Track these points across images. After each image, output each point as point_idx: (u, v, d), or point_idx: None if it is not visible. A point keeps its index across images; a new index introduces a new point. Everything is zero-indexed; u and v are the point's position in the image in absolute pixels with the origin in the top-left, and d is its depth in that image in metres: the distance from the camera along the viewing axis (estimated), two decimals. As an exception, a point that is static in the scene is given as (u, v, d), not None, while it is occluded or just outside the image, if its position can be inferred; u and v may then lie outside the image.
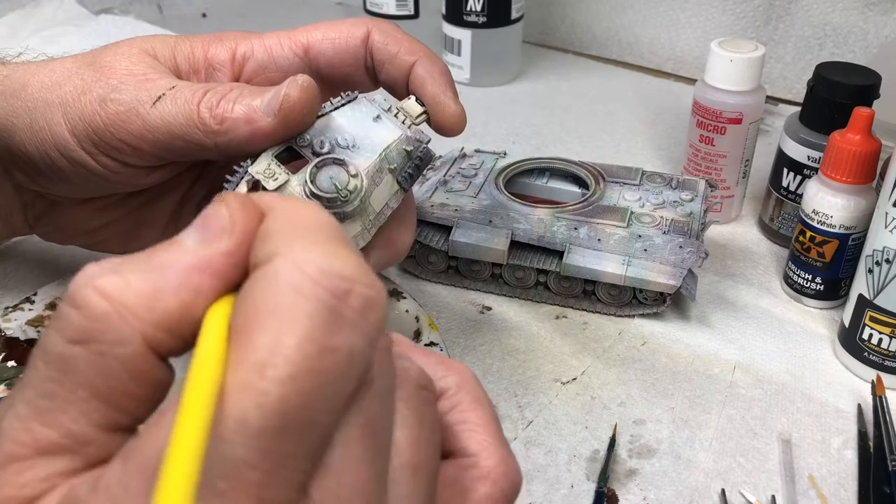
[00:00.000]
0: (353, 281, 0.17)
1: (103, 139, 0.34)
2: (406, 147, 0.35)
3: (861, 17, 0.70)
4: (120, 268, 0.18)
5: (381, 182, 0.34)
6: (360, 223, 0.33)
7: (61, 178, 0.37)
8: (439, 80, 0.37)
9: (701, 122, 0.55)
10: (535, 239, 0.48)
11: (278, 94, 0.32)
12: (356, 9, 0.86)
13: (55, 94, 0.35)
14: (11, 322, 0.43)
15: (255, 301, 0.17)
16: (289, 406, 0.16)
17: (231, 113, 0.33)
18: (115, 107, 0.34)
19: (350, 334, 0.17)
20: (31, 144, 0.36)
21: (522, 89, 0.81)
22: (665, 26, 0.82)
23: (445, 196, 0.52)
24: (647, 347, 0.47)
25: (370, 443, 0.18)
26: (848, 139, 0.45)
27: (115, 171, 0.35)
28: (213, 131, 0.33)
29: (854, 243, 0.47)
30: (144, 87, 0.34)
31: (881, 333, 0.42)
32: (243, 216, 0.19)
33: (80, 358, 0.17)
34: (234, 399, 0.16)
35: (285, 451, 0.16)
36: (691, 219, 0.50)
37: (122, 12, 0.93)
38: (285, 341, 0.16)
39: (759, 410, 0.43)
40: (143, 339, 0.17)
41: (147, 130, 0.33)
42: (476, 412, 0.23)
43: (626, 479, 0.39)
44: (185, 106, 0.33)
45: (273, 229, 0.18)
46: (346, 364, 0.17)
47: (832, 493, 0.38)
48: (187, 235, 0.19)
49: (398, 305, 0.47)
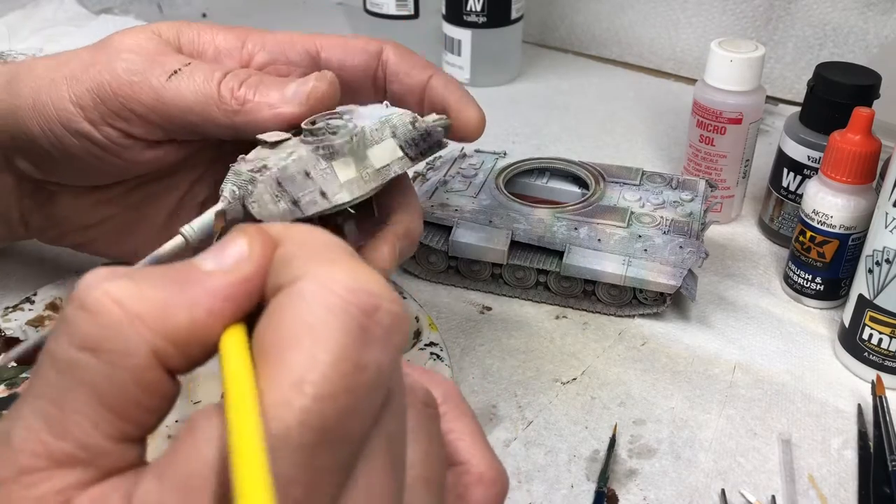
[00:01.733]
0: (381, 297, 0.18)
1: (111, 108, 0.35)
2: (412, 120, 0.35)
3: (861, 17, 0.70)
4: (133, 275, 0.18)
5: (383, 141, 0.34)
6: (354, 169, 0.33)
7: (64, 156, 0.37)
8: (459, 89, 0.39)
9: (701, 122, 0.55)
10: (535, 239, 0.48)
11: (306, 84, 0.34)
12: (356, 9, 0.86)
13: (61, 72, 0.36)
14: (11, 322, 0.44)
15: (284, 321, 0.17)
16: (327, 421, 0.16)
17: (254, 97, 0.34)
18: (129, 77, 0.35)
19: (379, 350, 0.17)
20: (34, 123, 0.36)
21: (522, 89, 0.81)
22: (665, 26, 0.82)
23: (445, 196, 0.52)
24: (647, 347, 0.47)
25: (391, 457, 0.19)
26: (848, 139, 0.45)
27: (118, 143, 0.36)
28: (234, 110, 0.34)
29: (854, 243, 0.47)
30: (157, 60, 0.35)
31: (881, 333, 0.42)
32: (261, 245, 0.19)
33: (90, 366, 0.17)
34: (274, 416, 0.16)
35: (323, 465, 0.16)
36: (691, 219, 0.50)
37: (122, 12, 0.93)
38: (322, 358, 0.16)
39: (759, 410, 0.43)
40: (153, 351, 0.17)
41: (160, 102, 0.34)
42: (462, 422, 0.24)
43: (626, 479, 0.39)
44: (203, 84, 0.34)
45: (291, 254, 0.18)
46: (376, 380, 0.17)
47: (832, 493, 0.38)
48: (204, 259, 0.19)
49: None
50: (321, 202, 0.33)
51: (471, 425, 0.24)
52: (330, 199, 0.33)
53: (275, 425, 0.16)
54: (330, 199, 0.33)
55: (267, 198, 0.32)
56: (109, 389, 0.17)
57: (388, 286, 0.18)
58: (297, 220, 0.33)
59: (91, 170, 0.38)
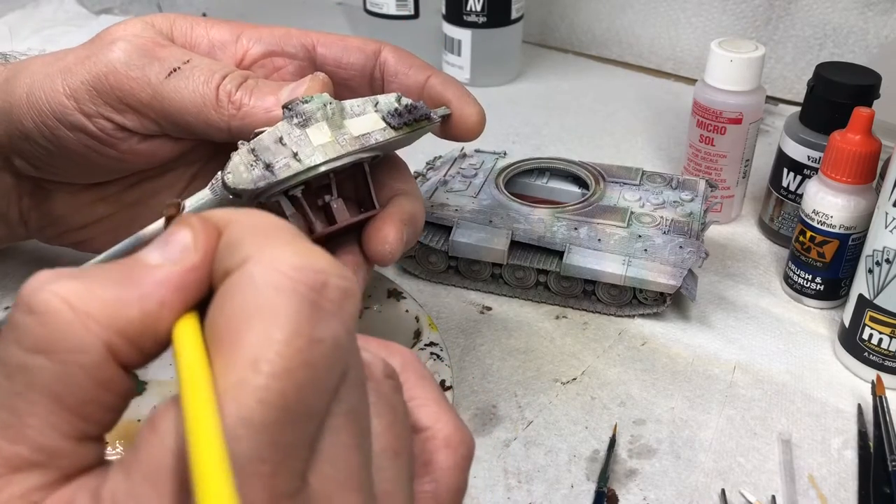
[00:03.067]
0: (328, 273, 0.18)
1: (107, 100, 0.35)
2: (396, 98, 0.35)
3: (861, 17, 0.70)
4: (80, 275, 0.18)
5: (364, 114, 0.34)
6: (329, 134, 0.33)
7: (59, 151, 0.37)
8: (459, 87, 0.38)
9: (701, 122, 0.55)
10: (535, 239, 0.48)
11: (300, 87, 0.34)
12: (356, 9, 0.86)
13: (56, 66, 0.36)
14: (11, 322, 0.43)
15: (234, 304, 0.17)
16: (287, 398, 0.16)
17: (249, 102, 0.34)
18: (126, 70, 0.35)
19: (333, 324, 0.17)
20: (28, 119, 0.36)
21: (522, 89, 0.81)
22: (665, 26, 0.82)
23: (445, 196, 0.52)
24: (647, 347, 0.47)
25: (355, 430, 0.19)
26: (848, 139, 0.45)
27: (112, 135, 0.36)
28: (230, 115, 0.34)
29: (854, 243, 0.47)
30: (157, 55, 0.35)
31: (881, 333, 0.42)
32: (205, 234, 0.19)
33: (43, 368, 0.17)
34: (233, 397, 0.16)
35: (287, 442, 0.17)
36: (691, 219, 0.50)
37: (121, 12, 0.93)
38: (275, 337, 0.16)
39: (759, 410, 0.43)
40: (106, 347, 0.17)
41: (157, 100, 0.35)
42: (423, 388, 0.24)
43: (626, 479, 0.39)
44: (202, 86, 0.34)
45: (236, 238, 0.18)
46: (332, 353, 0.17)
47: (832, 493, 0.38)
48: (150, 252, 0.19)
49: (398, 305, 0.47)
50: (294, 165, 0.32)
51: (432, 391, 0.24)
52: (302, 160, 0.32)
53: (234, 406, 0.16)
54: (302, 161, 0.32)
55: (241, 167, 0.32)
56: (65, 389, 0.17)
57: (336, 262, 0.18)
58: (272, 187, 0.32)
59: (87, 165, 0.38)
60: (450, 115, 0.37)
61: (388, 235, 0.34)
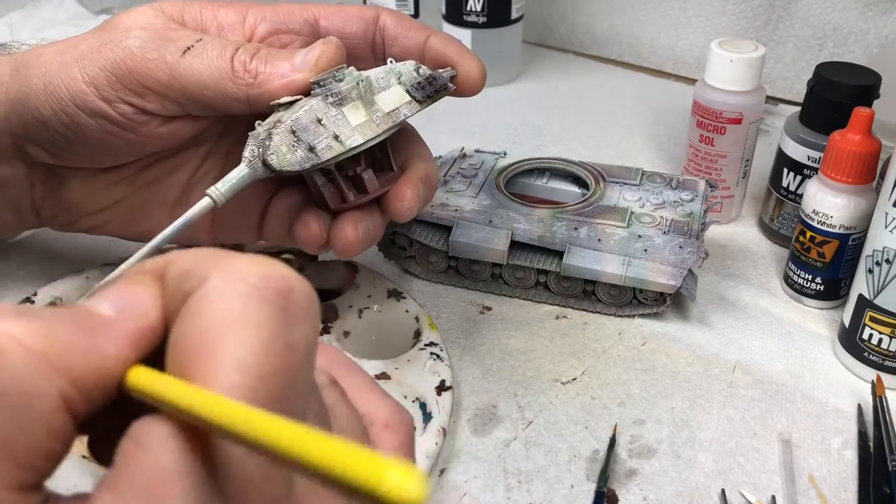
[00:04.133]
0: (292, 279, 0.18)
1: (127, 85, 0.36)
2: (415, 67, 0.37)
3: (861, 17, 0.70)
4: (35, 315, 0.17)
5: (389, 87, 0.36)
6: (364, 113, 0.35)
7: (77, 138, 0.37)
8: (459, 45, 0.40)
9: (701, 122, 0.55)
10: (535, 239, 0.48)
11: (313, 51, 0.35)
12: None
13: (70, 54, 0.36)
14: (11, 322, 0.43)
15: (205, 318, 0.17)
16: (273, 400, 0.17)
17: (265, 69, 0.35)
18: (143, 54, 0.35)
19: (304, 328, 0.18)
20: (45, 107, 0.36)
21: (522, 89, 0.81)
22: (665, 26, 0.82)
23: (445, 196, 0.52)
24: (647, 347, 0.47)
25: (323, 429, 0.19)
26: (848, 139, 0.45)
27: (133, 119, 0.37)
28: (247, 84, 0.35)
29: (854, 243, 0.47)
30: (170, 36, 0.36)
31: (881, 333, 0.42)
32: (150, 282, 0.19)
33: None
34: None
35: None
36: (691, 219, 0.50)
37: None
38: (255, 342, 0.17)
39: (759, 410, 0.43)
40: (61, 395, 0.16)
41: (175, 79, 0.35)
42: (353, 378, 0.25)
43: (626, 479, 0.39)
44: (217, 59, 0.35)
45: (188, 266, 0.18)
46: (306, 357, 0.18)
47: (832, 493, 0.38)
48: (101, 303, 0.18)
49: (398, 305, 0.47)
50: (336, 146, 0.34)
51: (362, 379, 0.25)
52: (343, 142, 0.34)
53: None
54: (343, 143, 0.34)
55: (284, 148, 0.34)
56: (13, 437, 0.16)
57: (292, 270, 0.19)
58: (315, 167, 0.35)
59: (106, 149, 0.38)
60: (456, 75, 0.39)
61: (407, 194, 0.37)
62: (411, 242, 0.51)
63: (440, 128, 0.71)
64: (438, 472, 0.39)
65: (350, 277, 0.49)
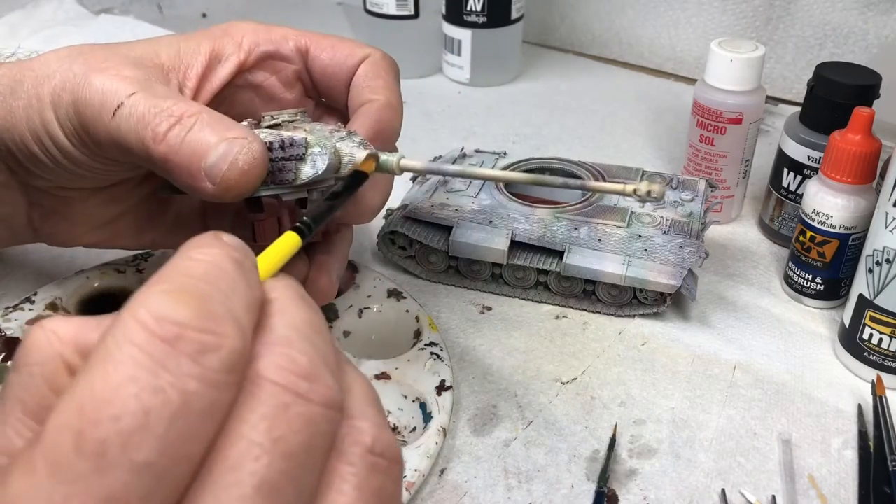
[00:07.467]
0: (186, 326, 0.18)
1: (81, 137, 0.35)
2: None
3: (861, 17, 0.70)
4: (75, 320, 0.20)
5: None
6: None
7: (66, 170, 0.37)
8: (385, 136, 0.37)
9: (701, 122, 0.55)
10: (535, 239, 0.48)
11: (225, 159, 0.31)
12: (356, 9, 0.86)
13: (45, 88, 0.35)
14: (11, 322, 0.43)
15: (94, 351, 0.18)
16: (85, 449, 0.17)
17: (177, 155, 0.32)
18: (84, 109, 0.34)
19: (180, 377, 0.17)
20: (30, 141, 0.36)
21: (522, 89, 0.81)
22: (665, 26, 0.82)
23: (445, 196, 0.52)
24: (647, 347, 0.47)
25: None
26: (848, 139, 0.45)
27: (102, 165, 0.36)
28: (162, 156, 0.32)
29: (854, 243, 0.47)
30: (111, 89, 0.34)
31: (881, 333, 0.42)
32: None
33: (14, 379, 0.19)
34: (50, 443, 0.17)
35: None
36: (691, 219, 0.50)
37: (122, 12, 0.93)
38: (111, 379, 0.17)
39: (759, 410, 0.43)
40: (62, 359, 0.19)
41: (111, 138, 0.33)
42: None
43: (626, 479, 0.39)
44: (136, 125, 0.33)
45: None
46: (179, 404, 0.17)
47: (832, 493, 0.38)
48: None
49: (398, 305, 0.47)
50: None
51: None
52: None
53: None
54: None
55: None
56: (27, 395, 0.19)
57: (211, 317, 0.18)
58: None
59: (92, 179, 0.38)
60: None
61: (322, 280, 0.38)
62: (411, 242, 0.51)
63: (440, 128, 0.71)
64: (438, 472, 0.39)
65: (350, 277, 0.49)
